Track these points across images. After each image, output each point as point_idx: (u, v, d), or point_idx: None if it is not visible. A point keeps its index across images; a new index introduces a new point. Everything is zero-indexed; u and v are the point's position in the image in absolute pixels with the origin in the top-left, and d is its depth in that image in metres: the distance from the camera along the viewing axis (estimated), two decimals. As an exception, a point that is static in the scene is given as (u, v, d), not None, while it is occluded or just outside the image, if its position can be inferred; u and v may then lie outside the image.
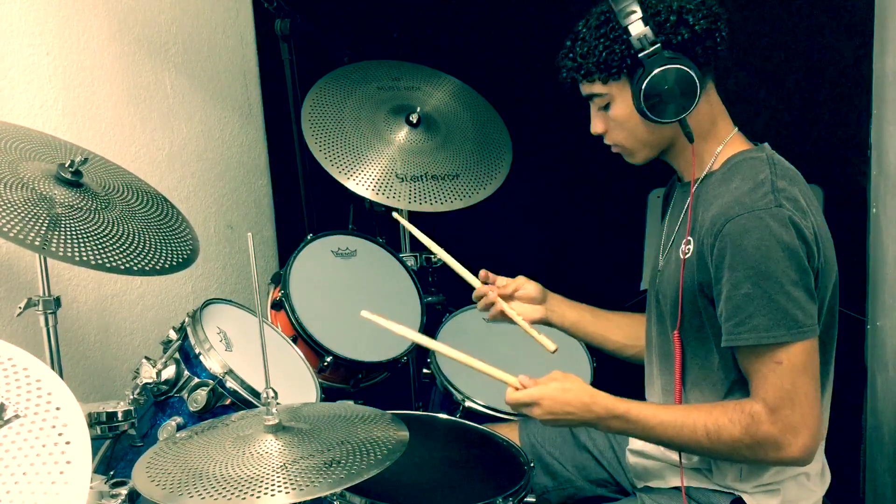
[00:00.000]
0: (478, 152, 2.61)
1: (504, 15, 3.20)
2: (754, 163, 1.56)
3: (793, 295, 1.45)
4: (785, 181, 1.53)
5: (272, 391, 1.44)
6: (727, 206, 1.50)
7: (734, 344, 1.48)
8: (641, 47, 1.51)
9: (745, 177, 1.54)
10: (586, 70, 1.58)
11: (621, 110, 1.60)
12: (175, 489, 1.29)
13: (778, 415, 1.45)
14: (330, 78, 2.63)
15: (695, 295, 1.56)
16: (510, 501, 1.57)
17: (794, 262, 1.45)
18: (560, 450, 1.91)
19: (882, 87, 1.78)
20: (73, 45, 2.18)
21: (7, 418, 1.16)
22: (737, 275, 1.46)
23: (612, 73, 1.56)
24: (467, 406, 2.11)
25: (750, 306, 1.45)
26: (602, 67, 1.56)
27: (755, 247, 1.45)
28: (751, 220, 1.46)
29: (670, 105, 1.53)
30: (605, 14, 1.56)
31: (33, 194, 1.62)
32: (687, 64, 1.51)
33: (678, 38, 1.52)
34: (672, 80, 1.51)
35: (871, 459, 1.93)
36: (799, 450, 1.46)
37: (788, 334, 1.44)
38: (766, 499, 1.61)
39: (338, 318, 2.31)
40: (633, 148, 1.65)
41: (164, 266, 1.72)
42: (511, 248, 3.30)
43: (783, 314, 1.44)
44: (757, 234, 1.45)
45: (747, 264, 1.45)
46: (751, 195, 1.49)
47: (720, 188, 1.56)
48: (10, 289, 1.98)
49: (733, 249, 1.46)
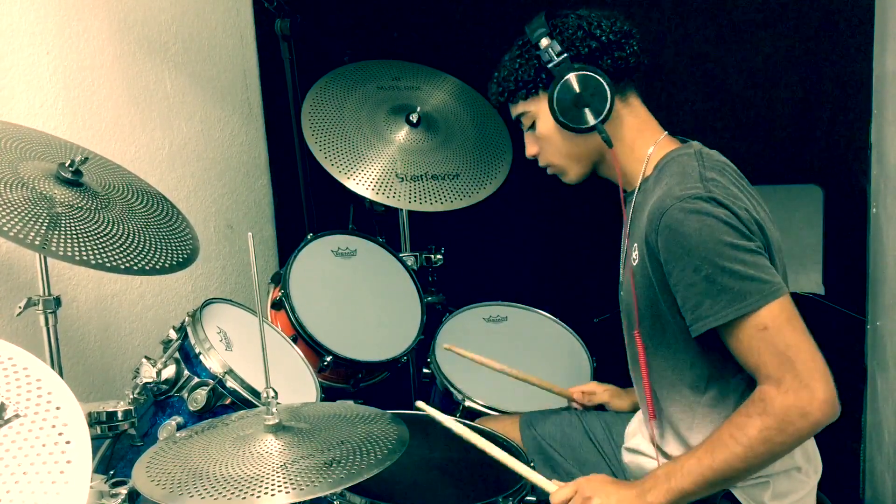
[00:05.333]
0: (478, 152, 2.61)
1: (504, 15, 3.20)
2: (682, 159, 1.60)
3: (749, 261, 1.46)
4: (714, 172, 1.56)
5: (272, 391, 1.44)
6: (659, 201, 1.52)
7: (714, 324, 1.47)
8: (549, 59, 1.62)
9: (674, 172, 1.57)
10: (508, 91, 1.71)
11: (544, 125, 1.68)
12: (175, 489, 1.29)
13: (784, 383, 1.42)
14: (330, 78, 2.64)
15: (655, 297, 1.57)
16: (510, 501, 1.57)
17: (736, 232, 1.47)
18: (561, 444, 1.91)
19: (882, 87, 1.78)
20: (73, 44, 2.18)
21: (7, 418, 1.16)
22: (690, 261, 1.47)
23: (529, 90, 1.67)
24: (467, 406, 2.12)
25: (715, 285, 1.45)
26: (520, 85, 1.68)
27: (696, 229, 1.46)
28: (685, 206, 1.48)
29: (583, 111, 1.61)
30: (522, 39, 1.69)
31: (33, 194, 1.62)
32: (594, 70, 1.60)
33: (585, 49, 1.62)
34: (581, 87, 1.60)
35: (870, 459, 1.93)
36: (821, 403, 1.41)
37: (762, 297, 1.44)
38: (757, 492, 1.61)
39: (338, 317, 2.31)
40: (564, 165, 1.72)
41: (164, 265, 1.72)
42: (511, 248, 3.30)
43: (749, 279, 1.44)
44: (694, 216, 1.47)
45: (695, 248, 1.46)
46: (680, 186, 1.52)
47: (654, 188, 1.59)
48: (10, 288, 1.98)
49: (677, 238, 1.48)
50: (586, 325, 2.48)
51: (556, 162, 1.72)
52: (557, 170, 1.74)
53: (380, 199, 2.43)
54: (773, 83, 3.15)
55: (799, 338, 1.45)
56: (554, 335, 2.41)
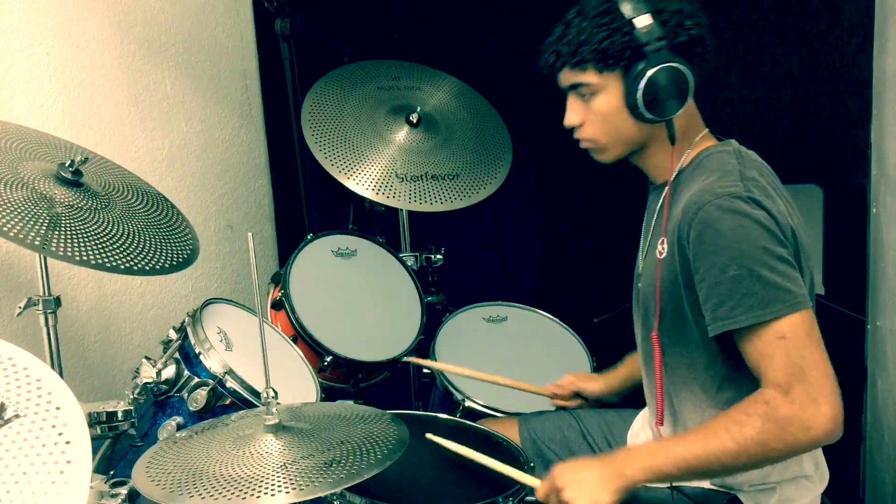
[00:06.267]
0: (478, 152, 2.61)
1: (504, 15, 3.20)
2: (722, 156, 1.58)
3: (779, 269, 1.43)
4: (754, 171, 1.54)
5: (272, 391, 1.44)
6: (697, 196, 1.50)
7: (733, 327, 1.44)
8: (647, 41, 1.51)
9: (714, 169, 1.55)
10: (581, 57, 1.55)
11: (607, 103, 1.58)
12: (175, 489, 1.29)
13: (793, 392, 1.39)
14: (330, 78, 2.64)
15: (679, 293, 1.54)
16: (510, 501, 1.57)
17: (772, 237, 1.44)
18: (560, 445, 1.91)
19: (882, 87, 1.78)
20: (73, 45, 2.18)
21: (7, 418, 1.16)
22: (719, 259, 1.44)
23: (608, 63, 1.54)
24: (467, 406, 2.11)
25: (741, 287, 1.43)
26: (599, 56, 1.54)
27: (731, 228, 1.44)
28: (723, 204, 1.46)
29: (664, 103, 1.53)
30: (607, 4, 1.54)
31: (33, 194, 1.62)
32: (685, 64, 1.52)
33: (681, 39, 1.53)
34: (670, 79, 1.51)
35: (871, 459, 1.93)
36: (825, 421, 1.39)
37: (786, 307, 1.42)
38: (763, 497, 1.61)
39: (338, 318, 2.31)
40: (607, 144, 1.63)
41: (164, 266, 1.72)
42: (511, 248, 3.30)
43: (776, 288, 1.42)
44: (731, 215, 1.45)
45: (728, 247, 1.44)
46: (720, 182, 1.50)
47: (690, 182, 1.57)
48: (10, 289, 1.98)
49: (711, 234, 1.45)
50: (586, 325, 2.48)
51: (601, 140, 1.62)
52: (596, 146, 1.64)
53: (380, 199, 2.42)
54: (773, 83, 3.15)
55: (815, 353, 1.42)
56: (554, 335, 2.41)
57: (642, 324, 1.69)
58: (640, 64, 1.52)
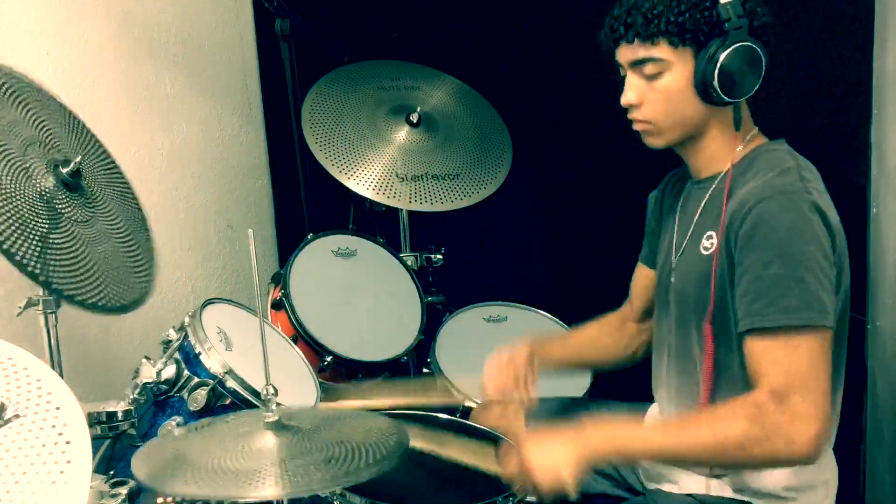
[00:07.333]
0: (478, 152, 2.61)
1: (504, 15, 3.20)
2: (777, 153, 1.53)
3: (820, 278, 1.39)
4: (809, 172, 1.51)
5: (272, 388, 1.43)
6: (757, 189, 1.45)
7: (760, 325, 1.40)
8: (727, 18, 1.44)
9: (772, 165, 1.50)
10: (656, 30, 1.46)
11: (676, 81, 1.49)
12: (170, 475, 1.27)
13: (787, 402, 1.36)
14: (330, 78, 2.64)
15: (725, 288, 1.48)
16: (510, 501, 1.57)
17: (822, 249, 1.41)
18: None
19: (882, 87, 1.78)
20: (73, 45, 2.18)
21: (7, 418, 1.16)
22: (766, 254, 1.40)
23: (684, 39, 1.46)
24: (467, 405, 2.11)
25: (779, 286, 1.38)
26: (676, 30, 1.45)
27: (787, 227, 1.40)
28: (784, 202, 1.42)
29: (738, 85, 1.47)
30: None
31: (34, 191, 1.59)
32: (761, 47, 1.47)
33: (760, 21, 1.48)
34: (748, 59, 1.46)
35: (871, 459, 1.93)
36: (809, 441, 1.36)
37: (817, 317, 1.38)
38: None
39: (338, 318, 2.31)
40: (665, 127, 1.54)
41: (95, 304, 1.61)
42: (511, 247, 3.30)
43: (813, 297, 1.38)
44: (790, 215, 1.41)
45: (778, 244, 1.40)
46: (780, 179, 1.45)
47: (745, 177, 1.51)
48: (10, 289, 1.98)
49: (764, 229, 1.41)
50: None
51: (660, 122, 1.53)
52: (653, 129, 1.55)
53: (380, 199, 2.43)
54: (773, 83, 3.14)
55: (823, 375, 1.39)
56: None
57: (677, 319, 1.61)
58: (716, 42, 1.45)
